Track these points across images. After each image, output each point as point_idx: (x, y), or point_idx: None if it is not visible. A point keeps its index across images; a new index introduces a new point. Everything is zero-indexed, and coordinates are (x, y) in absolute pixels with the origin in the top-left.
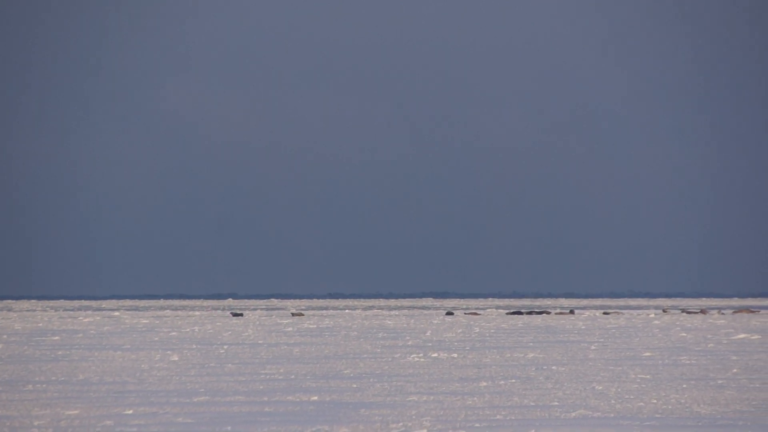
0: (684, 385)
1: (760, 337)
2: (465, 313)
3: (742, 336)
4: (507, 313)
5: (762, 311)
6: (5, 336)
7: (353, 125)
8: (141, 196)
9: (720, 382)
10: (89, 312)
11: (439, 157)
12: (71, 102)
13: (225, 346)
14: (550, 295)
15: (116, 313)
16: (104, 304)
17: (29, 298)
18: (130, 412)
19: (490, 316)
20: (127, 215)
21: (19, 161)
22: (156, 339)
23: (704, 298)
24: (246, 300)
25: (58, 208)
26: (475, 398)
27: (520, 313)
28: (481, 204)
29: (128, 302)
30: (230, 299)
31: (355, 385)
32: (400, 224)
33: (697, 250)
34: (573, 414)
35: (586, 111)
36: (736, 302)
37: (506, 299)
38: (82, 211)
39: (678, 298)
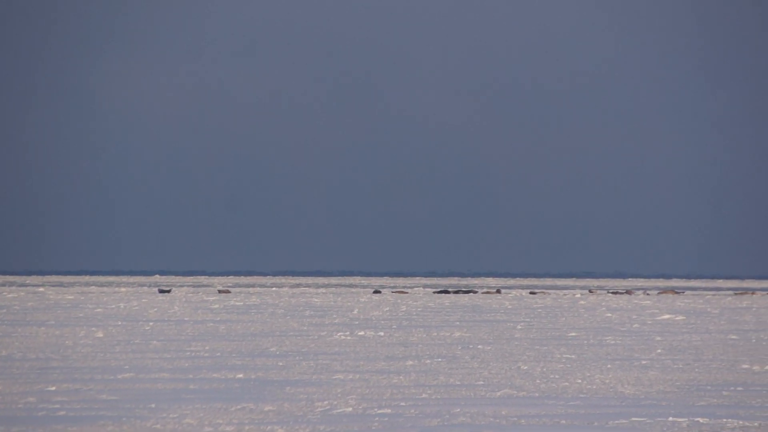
0: (609, 365)
1: (684, 317)
2: (392, 292)
3: (666, 317)
4: (434, 292)
5: (686, 292)
6: None
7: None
8: (67, 170)
9: (644, 362)
10: (13, 288)
11: (363, 129)
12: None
13: (150, 323)
14: (477, 275)
15: (41, 289)
16: (28, 279)
17: None
18: (53, 388)
19: (417, 295)
20: (51, 189)
21: None
22: (81, 315)
23: (630, 279)
24: (173, 276)
25: None
26: (401, 377)
27: (447, 292)
28: (407, 181)
29: (53, 278)
30: (157, 275)
31: (281, 363)
32: (326, 202)
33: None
34: (498, 393)
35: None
36: (661, 283)
37: (433, 278)
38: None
39: (604, 279)
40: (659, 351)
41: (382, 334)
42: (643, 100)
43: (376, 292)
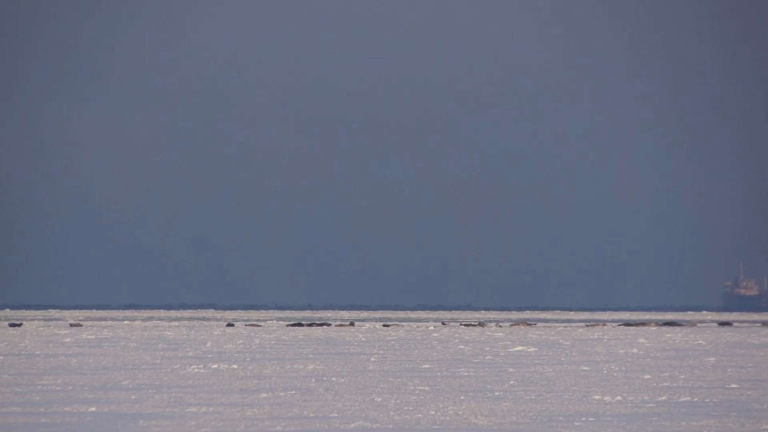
0: (462, 397)
1: (536, 349)
2: (246, 325)
3: (519, 348)
4: (288, 325)
5: (538, 324)
6: None
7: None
8: None
9: (497, 393)
10: None
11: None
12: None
13: (1, 357)
14: (331, 307)
15: None
16: None
17: None
18: None
19: (271, 328)
20: None
21: None
22: None
23: (483, 311)
24: (24, 310)
25: None
26: (255, 409)
27: (300, 324)
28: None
29: None
30: (7, 309)
31: (133, 396)
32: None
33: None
34: (352, 425)
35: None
36: (514, 315)
37: (287, 311)
38: None
39: (457, 311)
40: (512, 382)
41: (235, 366)
42: None
43: (230, 325)
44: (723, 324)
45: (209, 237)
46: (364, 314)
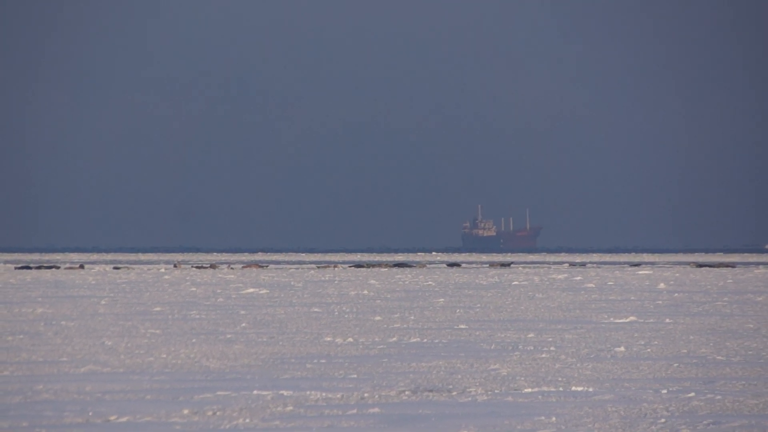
0: (194, 340)
1: (268, 291)
2: None
3: (250, 290)
4: (15, 268)
5: (270, 266)
6: None
7: None
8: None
9: (229, 336)
10: None
11: None
12: None
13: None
14: (61, 250)
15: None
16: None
17: None
18: None
19: None
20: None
21: None
22: None
23: (215, 253)
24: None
25: None
26: None
27: (28, 267)
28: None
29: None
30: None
31: None
32: None
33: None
34: (83, 369)
35: None
36: (245, 257)
37: (15, 254)
38: None
39: (189, 253)
40: (244, 325)
41: None
42: None
43: None
44: (452, 265)
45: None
46: (95, 256)
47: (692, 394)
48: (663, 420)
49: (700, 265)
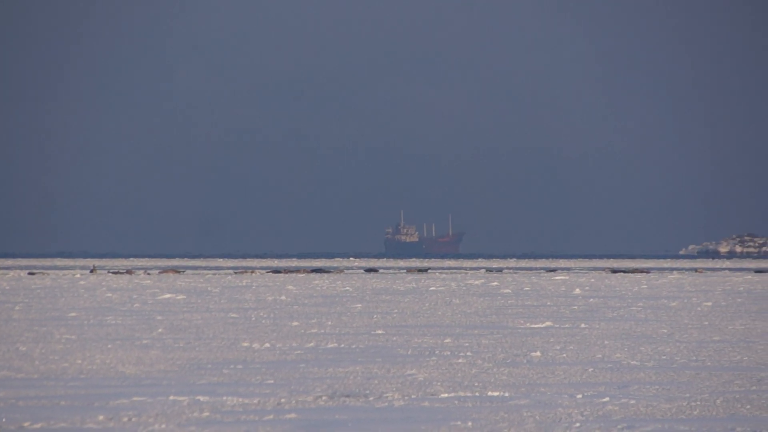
0: (109, 345)
1: (185, 296)
2: None
3: (167, 296)
4: None
5: (187, 271)
6: None
7: None
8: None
9: (145, 341)
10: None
11: None
12: None
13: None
14: None
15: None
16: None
17: None
18: None
19: None
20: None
21: None
22: None
23: (131, 258)
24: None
25: None
26: None
27: None
28: None
29: None
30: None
31: None
32: None
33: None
34: None
35: None
36: (162, 262)
37: None
38: None
39: (105, 259)
40: (160, 330)
41: None
42: None
43: None
44: (370, 270)
45: None
46: (9, 262)
47: (606, 399)
48: (578, 424)
49: (615, 271)
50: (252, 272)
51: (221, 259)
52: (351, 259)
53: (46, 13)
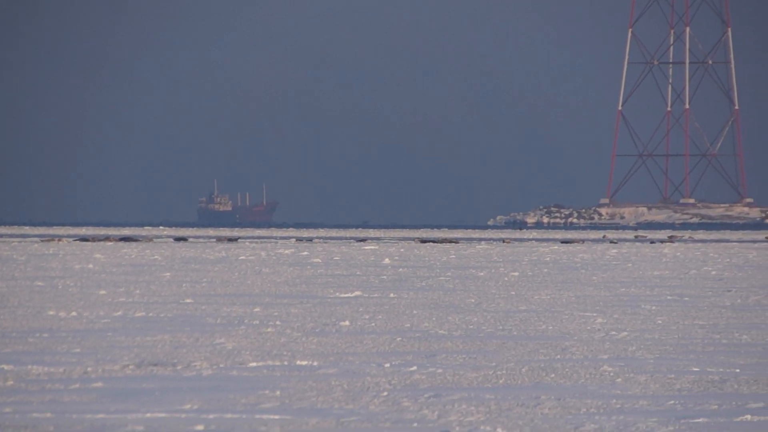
0: None
1: None
2: None
3: None
4: None
5: None
6: None
7: None
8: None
9: None
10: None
11: None
12: None
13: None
14: None
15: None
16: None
17: None
18: None
19: None
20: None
21: None
22: None
23: None
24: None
25: None
26: None
27: None
28: None
29: None
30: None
31: None
32: None
33: None
34: None
35: None
36: None
37: None
38: None
39: None
40: None
41: None
42: None
43: None
44: (179, 239)
45: None
46: None
47: (414, 368)
48: (385, 393)
49: (424, 241)
50: (59, 240)
51: (27, 227)
52: (161, 228)
53: None
